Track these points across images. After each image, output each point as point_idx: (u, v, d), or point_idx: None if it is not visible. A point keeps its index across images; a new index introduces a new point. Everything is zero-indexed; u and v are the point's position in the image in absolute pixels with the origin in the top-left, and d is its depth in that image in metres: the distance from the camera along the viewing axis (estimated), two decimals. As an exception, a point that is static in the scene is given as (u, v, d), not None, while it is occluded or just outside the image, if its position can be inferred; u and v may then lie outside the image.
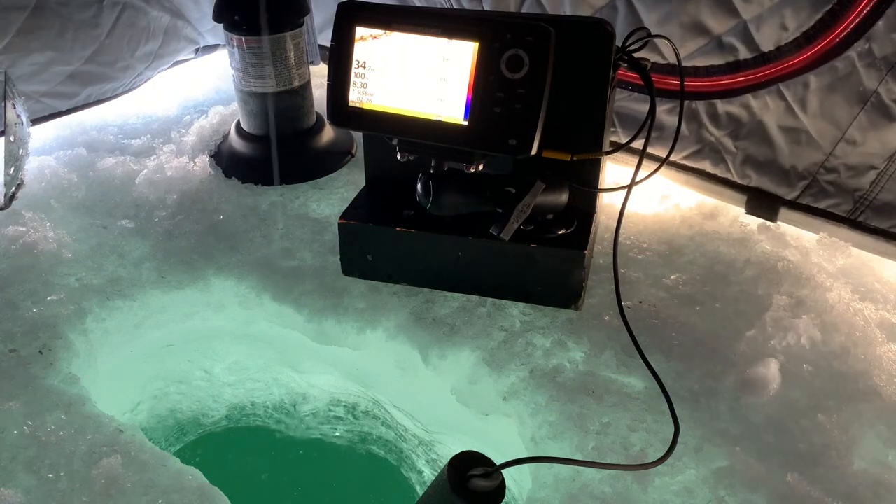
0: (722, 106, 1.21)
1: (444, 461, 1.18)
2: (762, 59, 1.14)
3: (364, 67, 0.95)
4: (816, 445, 0.87)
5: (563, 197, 1.06)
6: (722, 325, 1.02)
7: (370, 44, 0.94)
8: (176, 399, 1.26)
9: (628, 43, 1.01)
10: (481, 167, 0.96)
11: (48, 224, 1.24)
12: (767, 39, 1.12)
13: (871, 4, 1.01)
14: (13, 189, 1.32)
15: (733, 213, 1.26)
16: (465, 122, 0.91)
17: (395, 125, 0.95)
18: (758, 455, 0.86)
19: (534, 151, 0.91)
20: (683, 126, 1.25)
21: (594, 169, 1.08)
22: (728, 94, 1.19)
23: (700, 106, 1.23)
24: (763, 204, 1.23)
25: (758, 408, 0.91)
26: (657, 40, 1.18)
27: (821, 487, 0.82)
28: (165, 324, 1.16)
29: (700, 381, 0.96)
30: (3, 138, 1.33)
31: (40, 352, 1.01)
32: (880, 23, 1.01)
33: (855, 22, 1.03)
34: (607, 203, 1.28)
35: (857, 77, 1.06)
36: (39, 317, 1.07)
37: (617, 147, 1.07)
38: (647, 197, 1.31)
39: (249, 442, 1.30)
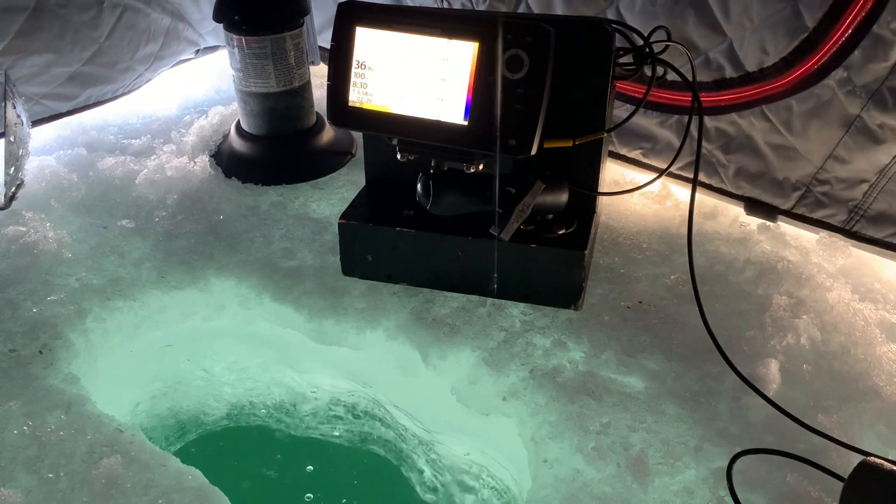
0: (710, 122, 1.21)
1: (444, 461, 1.19)
2: (747, 78, 1.14)
3: (364, 67, 0.95)
4: (816, 445, 0.87)
5: (563, 197, 1.06)
6: (722, 325, 1.02)
7: (370, 44, 0.94)
8: (176, 399, 1.26)
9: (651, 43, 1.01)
10: (481, 167, 0.96)
11: (48, 224, 1.24)
12: (751, 60, 1.13)
13: (847, 35, 1.02)
14: (13, 189, 1.32)
15: (733, 213, 1.26)
16: (465, 123, 0.91)
17: (396, 125, 0.95)
18: (758, 455, 0.86)
19: (534, 151, 0.91)
20: (675, 138, 1.26)
21: (594, 170, 1.08)
22: (715, 111, 1.20)
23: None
24: (761, 207, 1.23)
25: (758, 408, 0.91)
26: (659, 47, 1.18)
27: (821, 487, 0.82)
28: (165, 324, 1.16)
29: (700, 381, 0.96)
30: (3, 139, 1.34)
31: (40, 352, 1.01)
32: (856, 53, 1.02)
33: (832, 51, 1.04)
34: (607, 203, 1.28)
35: (839, 103, 1.07)
36: (39, 317, 1.07)
37: (616, 125, 1.07)
38: (647, 197, 1.31)
39: (249, 441, 1.30)
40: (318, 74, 1.51)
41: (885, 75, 1.01)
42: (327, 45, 1.10)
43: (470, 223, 1.05)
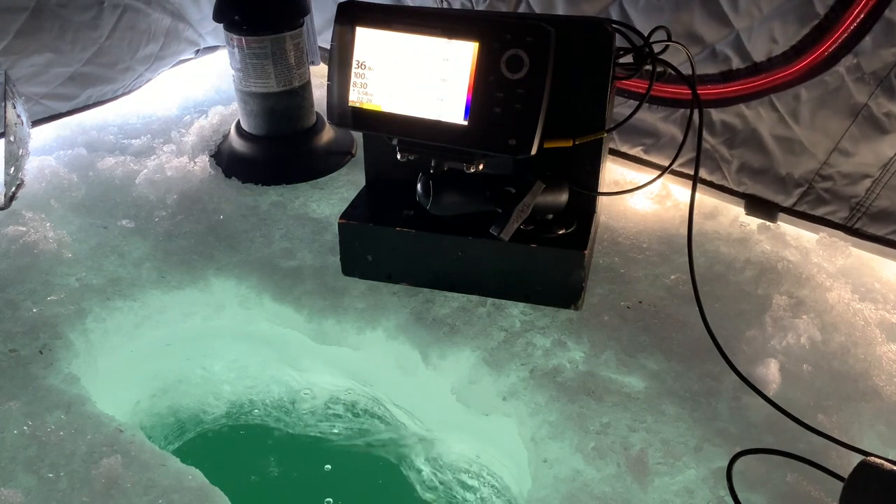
0: (717, 114, 1.21)
1: (444, 460, 1.19)
2: (754, 69, 1.14)
3: (364, 67, 0.95)
4: (816, 445, 0.87)
5: (563, 197, 1.06)
6: (722, 325, 1.02)
7: (370, 44, 0.94)
8: (175, 397, 1.26)
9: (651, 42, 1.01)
10: (481, 167, 0.96)
11: (48, 224, 1.24)
12: (759, 50, 1.13)
13: (858, 21, 1.01)
14: (13, 189, 1.32)
15: (733, 213, 1.26)
16: (465, 123, 0.91)
17: (395, 125, 0.95)
18: (758, 455, 0.86)
19: (534, 151, 0.91)
20: (680, 133, 1.26)
21: (594, 170, 1.08)
22: (721, 103, 1.19)
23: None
24: (761, 208, 1.23)
25: (758, 408, 0.91)
26: (659, 47, 1.18)
27: (821, 487, 0.82)
28: (165, 324, 1.16)
29: (700, 381, 0.96)
30: (3, 139, 1.33)
31: (40, 352, 1.01)
32: (867, 38, 1.02)
33: (842, 38, 1.04)
34: (607, 203, 1.28)
35: (847, 91, 1.07)
36: (39, 317, 1.07)
37: (616, 125, 1.07)
38: (647, 197, 1.31)
39: (249, 440, 1.30)
40: (318, 74, 1.51)
41: (894, 62, 1.01)
42: (327, 45, 1.10)
43: (470, 223, 1.05)
